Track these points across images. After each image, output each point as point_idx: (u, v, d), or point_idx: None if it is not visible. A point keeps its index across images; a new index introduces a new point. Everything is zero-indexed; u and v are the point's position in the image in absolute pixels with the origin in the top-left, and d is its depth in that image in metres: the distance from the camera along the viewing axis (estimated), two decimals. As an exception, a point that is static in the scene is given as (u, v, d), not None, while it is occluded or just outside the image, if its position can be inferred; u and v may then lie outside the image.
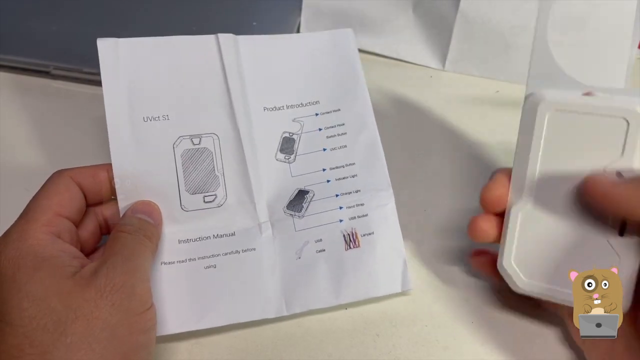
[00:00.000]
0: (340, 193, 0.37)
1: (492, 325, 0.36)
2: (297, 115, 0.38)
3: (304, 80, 0.39)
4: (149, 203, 0.34)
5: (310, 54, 0.39)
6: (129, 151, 0.34)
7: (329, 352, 0.34)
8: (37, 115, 0.45)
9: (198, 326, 0.33)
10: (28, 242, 0.28)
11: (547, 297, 0.31)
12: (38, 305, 0.27)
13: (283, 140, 0.38)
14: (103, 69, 0.35)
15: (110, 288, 0.28)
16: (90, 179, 0.33)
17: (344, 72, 0.39)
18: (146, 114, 0.35)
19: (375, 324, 0.36)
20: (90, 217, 0.34)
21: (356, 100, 0.39)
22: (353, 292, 0.35)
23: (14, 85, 0.47)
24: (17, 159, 0.43)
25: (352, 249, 0.36)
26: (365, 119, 0.39)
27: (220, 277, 0.34)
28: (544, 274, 0.31)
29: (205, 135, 0.36)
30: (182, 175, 0.35)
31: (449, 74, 0.50)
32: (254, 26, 0.49)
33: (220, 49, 0.37)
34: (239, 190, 0.36)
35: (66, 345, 0.26)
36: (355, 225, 0.36)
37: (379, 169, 0.38)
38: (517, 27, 0.47)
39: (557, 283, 0.31)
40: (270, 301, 0.35)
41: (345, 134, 0.38)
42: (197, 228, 0.35)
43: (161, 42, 0.36)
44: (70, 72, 0.47)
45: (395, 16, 0.50)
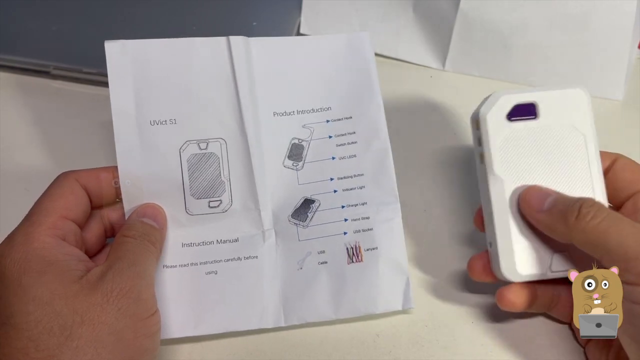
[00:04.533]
0: (347, 205, 0.36)
1: (492, 325, 0.36)
2: (307, 121, 0.38)
3: (316, 85, 0.38)
4: (154, 206, 0.34)
5: (324, 58, 0.38)
6: (135, 154, 0.34)
7: (329, 352, 0.35)
8: (37, 115, 0.45)
9: (195, 332, 0.33)
10: (33, 245, 0.28)
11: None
12: (44, 309, 0.27)
13: (292, 146, 0.37)
14: (110, 72, 0.34)
15: (116, 293, 0.28)
16: (95, 182, 0.33)
17: (358, 78, 0.38)
18: (153, 117, 0.35)
19: (375, 324, 0.36)
20: (95, 219, 0.34)
21: (369, 108, 0.38)
22: (352, 307, 0.35)
23: (14, 85, 0.47)
24: (17, 159, 0.43)
25: (355, 263, 0.36)
26: (378, 128, 0.37)
27: (221, 284, 0.34)
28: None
29: (212, 140, 0.36)
30: (188, 179, 0.35)
31: (449, 74, 0.50)
32: (254, 26, 0.49)
33: (230, 51, 0.36)
34: (244, 197, 0.36)
35: (72, 349, 0.26)
36: (359, 239, 0.36)
37: (387, 182, 0.37)
38: (517, 27, 0.47)
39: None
40: (269, 311, 0.34)
41: (355, 142, 0.37)
42: (200, 232, 0.35)
43: (170, 43, 0.36)
44: (70, 72, 0.46)
45: (395, 16, 0.50)
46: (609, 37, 0.46)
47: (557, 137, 0.32)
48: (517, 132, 0.32)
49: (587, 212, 0.29)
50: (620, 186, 0.33)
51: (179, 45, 0.36)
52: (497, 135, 0.32)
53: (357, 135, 0.38)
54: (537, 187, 0.32)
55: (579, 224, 0.29)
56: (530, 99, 0.33)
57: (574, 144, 0.32)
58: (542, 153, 0.32)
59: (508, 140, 0.32)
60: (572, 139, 0.32)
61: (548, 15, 0.46)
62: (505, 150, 0.32)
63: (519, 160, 0.32)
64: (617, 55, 0.47)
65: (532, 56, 0.48)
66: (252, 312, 0.34)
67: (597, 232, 0.28)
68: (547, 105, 0.33)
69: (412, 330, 0.36)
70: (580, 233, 0.29)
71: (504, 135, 0.32)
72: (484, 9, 0.47)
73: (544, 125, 0.33)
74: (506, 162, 0.32)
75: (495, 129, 0.32)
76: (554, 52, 0.47)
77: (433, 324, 0.36)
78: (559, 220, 0.30)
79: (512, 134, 0.32)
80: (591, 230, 0.28)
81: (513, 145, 0.32)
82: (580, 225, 0.28)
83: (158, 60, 0.35)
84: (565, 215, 0.29)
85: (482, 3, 0.47)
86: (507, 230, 0.32)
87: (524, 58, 0.48)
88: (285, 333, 0.35)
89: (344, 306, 0.35)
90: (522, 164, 0.32)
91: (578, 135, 0.32)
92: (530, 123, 0.33)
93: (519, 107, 0.33)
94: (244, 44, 0.36)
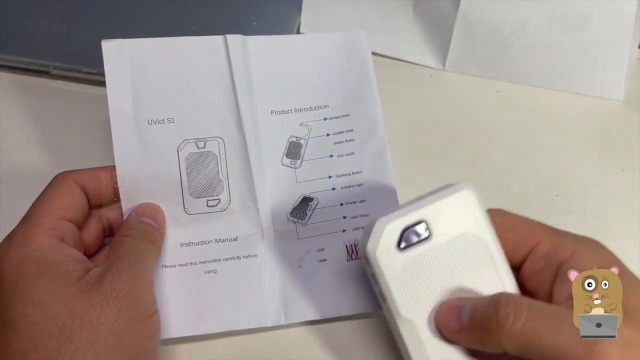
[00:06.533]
0: (345, 202, 0.37)
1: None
2: (305, 119, 0.38)
3: (313, 83, 0.38)
4: (153, 206, 0.34)
5: (321, 56, 0.38)
6: (132, 154, 0.34)
7: (330, 352, 0.35)
8: (37, 115, 0.45)
9: (195, 332, 0.33)
10: (32, 246, 0.28)
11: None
12: (43, 310, 0.27)
13: (290, 144, 0.37)
14: (107, 71, 0.34)
15: (115, 294, 0.28)
16: (93, 182, 0.33)
17: (355, 75, 0.38)
18: (151, 116, 0.35)
19: (375, 324, 0.35)
20: (94, 219, 0.34)
21: (367, 105, 0.38)
22: (352, 305, 0.35)
23: (14, 85, 0.47)
24: (17, 159, 0.43)
25: (354, 261, 0.36)
26: (375, 125, 0.38)
27: (220, 283, 0.34)
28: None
29: (210, 139, 0.36)
30: (186, 178, 0.35)
31: (449, 74, 0.50)
32: (254, 26, 0.49)
33: (228, 49, 0.36)
34: (242, 195, 0.36)
35: (71, 351, 0.26)
36: (358, 236, 0.36)
37: (385, 179, 0.37)
38: (517, 27, 0.47)
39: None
40: (269, 309, 0.34)
41: (353, 140, 0.37)
42: (199, 232, 0.35)
43: (167, 42, 0.36)
44: (70, 72, 0.46)
45: (395, 16, 0.50)
46: (609, 37, 0.46)
47: (456, 251, 0.29)
48: (413, 259, 0.29)
49: (506, 314, 0.26)
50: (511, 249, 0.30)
51: (176, 44, 0.36)
52: (392, 271, 0.29)
53: (355, 133, 0.38)
54: (448, 303, 0.28)
55: (503, 331, 0.26)
56: (416, 218, 0.29)
57: (475, 252, 0.29)
58: (445, 273, 0.29)
59: (406, 272, 0.29)
60: (471, 248, 0.29)
61: (548, 15, 0.46)
62: (405, 284, 0.29)
63: (423, 290, 0.29)
64: (617, 55, 0.47)
65: (532, 56, 0.48)
66: (252, 311, 0.34)
67: (525, 336, 0.25)
68: (437, 219, 0.29)
69: (412, 330, 0.36)
70: (509, 341, 0.25)
71: (399, 268, 0.29)
72: (484, 9, 0.47)
73: (439, 243, 0.29)
74: (410, 297, 0.29)
75: (389, 265, 0.29)
76: (554, 52, 0.47)
77: (433, 324, 0.36)
78: (483, 333, 0.26)
79: (409, 263, 0.29)
80: (518, 335, 0.25)
81: (412, 276, 0.29)
82: (505, 332, 0.25)
83: (155, 59, 0.35)
84: (486, 326, 0.26)
85: (482, 3, 0.47)
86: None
87: (524, 58, 0.48)
88: (285, 333, 0.35)
89: (344, 304, 0.35)
90: (427, 293, 0.29)
91: (476, 241, 0.30)
92: (424, 246, 0.29)
93: (407, 231, 0.29)
94: (242, 42, 0.37)
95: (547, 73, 0.48)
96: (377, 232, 0.29)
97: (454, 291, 0.29)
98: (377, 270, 0.29)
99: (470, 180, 0.31)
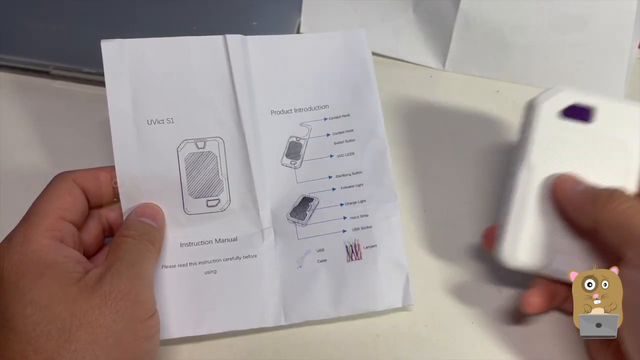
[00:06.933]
0: (345, 202, 0.37)
1: (492, 325, 0.36)
2: (305, 119, 0.38)
3: (313, 82, 0.38)
4: (153, 206, 0.34)
5: (321, 56, 0.38)
6: (132, 154, 0.34)
7: (330, 352, 0.35)
8: (37, 115, 0.45)
9: (196, 332, 0.33)
10: (31, 247, 0.28)
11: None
12: (42, 312, 0.27)
13: (290, 144, 0.37)
14: (107, 71, 0.34)
15: (115, 295, 0.28)
16: (93, 182, 0.33)
17: (355, 75, 0.38)
18: (150, 117, 0.35)
19: (375, 324, 0.36)
20: (93, 219, 0.34)
21: (367, 105, 0.38)
22: (352, 304, 0.35)
23: (14, 85, 0.47)
24: (17, 159, 0.43)
25: (354, 261, 0.36)
26: (375, 126, 0.38)
27: (220, 283, 0.34)
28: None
29: (210, 139, 0.36)
30: (186, 179, 0.35)
31: (449, 74, 0.50)
32: (254, 26, 0.49)
33: (227, 49, 0.36)
34: (242, 195, 0.36)
35: (71, 353, 0.26)
36: (358, 237, 0.36)
37: (385, 179, 0.37)
38: (517, 27, 0.47)
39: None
40: (269, 310, 0.34)
41: (353, 140, 0.38)
42: (199, 232, 0.35)
43: (167, 42, 0.36)
44: (70, 72, 0.46)
45: (395, 16, 0.50)
46: (609, 37, 0.46)
47: (604, 148, 0.33)
48: (565, 129, 0.33)
49: (618, 196, 0.30)
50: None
51: (176, 44, 0.36)
52: (544, 125, 0.33)
53: (355, 133, 0.38)
54: (572, 175, 0.33)
55: (608, 206, 0.30)
56: (590, 102, 0.33)
57: (617, 160, 0.33)
58: (583, 157, 0.33)
59: (553, 134, 0.33)
60: (617, 155, 0.33)
61: (548, 15, 0.46)
62: (547, 143, 0.33)
63: (557, 156, 0.33)
64: (617, 55, 0.47)
65: (532, 56, 0.48)
66: (252, 311, 0.34)
67: (625, 215, 0.30)
68: (605, 114, 0.33)
69: (413, 330, 0.36)
70: (607, 214, 0.30)
71: (551, 128, 0.33)
72: (484, 9, 0.47)
73: (595, 132, 0.33)
74: (544, 153, 0.33)
75: (545, 119, 0.33)
76: (554, 52, 0.47)
77: (433, 324, 0.36)
78: (589, 201, 0.31)
79: (560, 129, 0.33)
80: (618, 213, 0.30)
81: (556, 141, 0.33)
82: (609, 207, 0.30)
83: (155, 59, 0.35)
84: (596, 198, 0.31)
85: (482, 3, 0.47)
86: (522, 215, 0.32)
87: (524, 58, 0.48)
88: (286, 333, 0.35)
89: (344, 304, 0.35)
90: (558, 159, 0.33)
91: (625, 152, 0.33)
92: (581, 126, 0.33)
93: (576, 106, 0.33)
94: (241, 42, 0.36)
95: (547, 73, 0.48)
96: (552, 92, 0.33)
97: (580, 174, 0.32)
98: (533, 119, 0.33)
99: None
